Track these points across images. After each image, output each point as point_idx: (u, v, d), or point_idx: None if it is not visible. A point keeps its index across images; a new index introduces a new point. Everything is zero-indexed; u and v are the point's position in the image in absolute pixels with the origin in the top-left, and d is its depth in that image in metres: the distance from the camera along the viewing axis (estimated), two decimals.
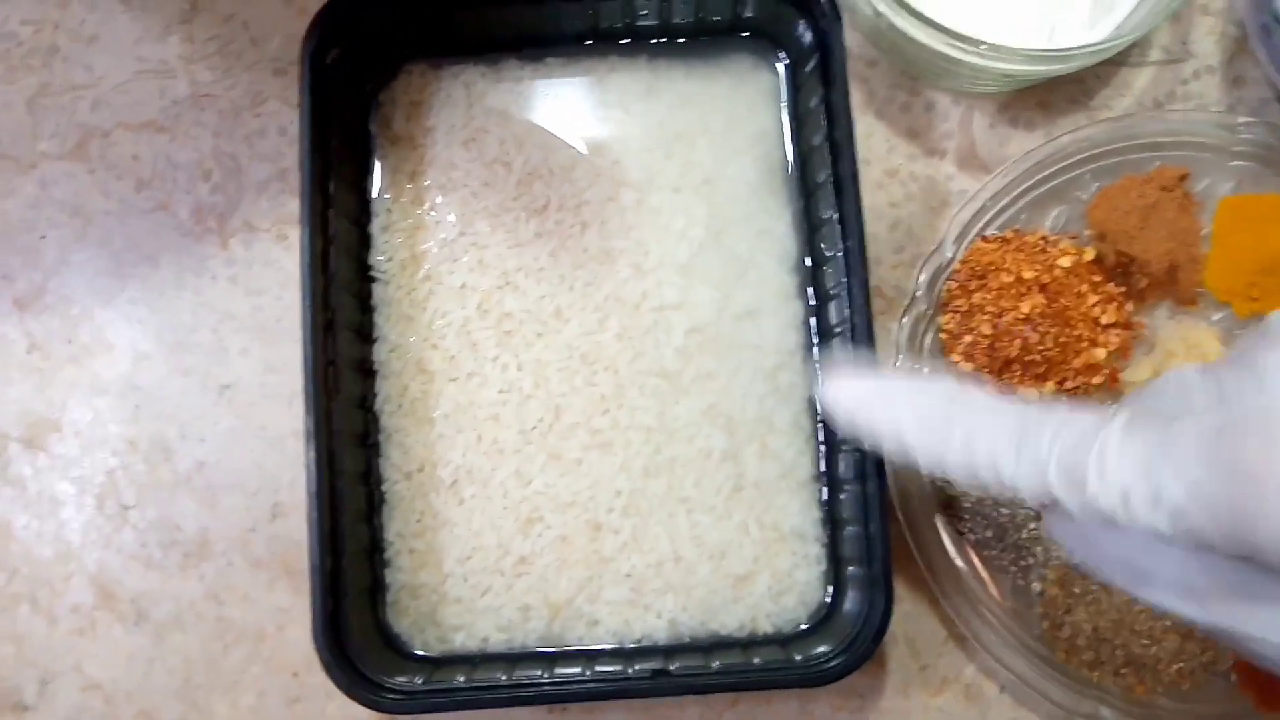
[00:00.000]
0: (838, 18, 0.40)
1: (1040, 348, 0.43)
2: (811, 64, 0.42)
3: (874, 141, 0.47)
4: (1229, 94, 0.48)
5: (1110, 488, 0.27)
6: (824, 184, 0.42)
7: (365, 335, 0.43)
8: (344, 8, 0.41)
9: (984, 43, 0.42)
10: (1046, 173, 0.46)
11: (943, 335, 0.45)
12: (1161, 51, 0.48)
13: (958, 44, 0.42)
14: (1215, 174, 0.46)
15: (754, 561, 0.42)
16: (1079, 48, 0.43)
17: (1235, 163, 0.46)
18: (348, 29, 0.41)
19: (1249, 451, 0.24)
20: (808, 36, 0.42)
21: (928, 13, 0.42)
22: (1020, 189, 0.46)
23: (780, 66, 0.45)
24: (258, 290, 0.46)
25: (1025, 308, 0.43)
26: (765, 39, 0.45)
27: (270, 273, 0.46)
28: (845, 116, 0.40)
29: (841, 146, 0.40)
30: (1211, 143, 0.46)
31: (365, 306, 0.43)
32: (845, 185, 0.40)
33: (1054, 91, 0.48)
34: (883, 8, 0.42)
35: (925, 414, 0.31)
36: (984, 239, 0.45)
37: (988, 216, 0.45)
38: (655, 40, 0.45)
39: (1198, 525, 0.25)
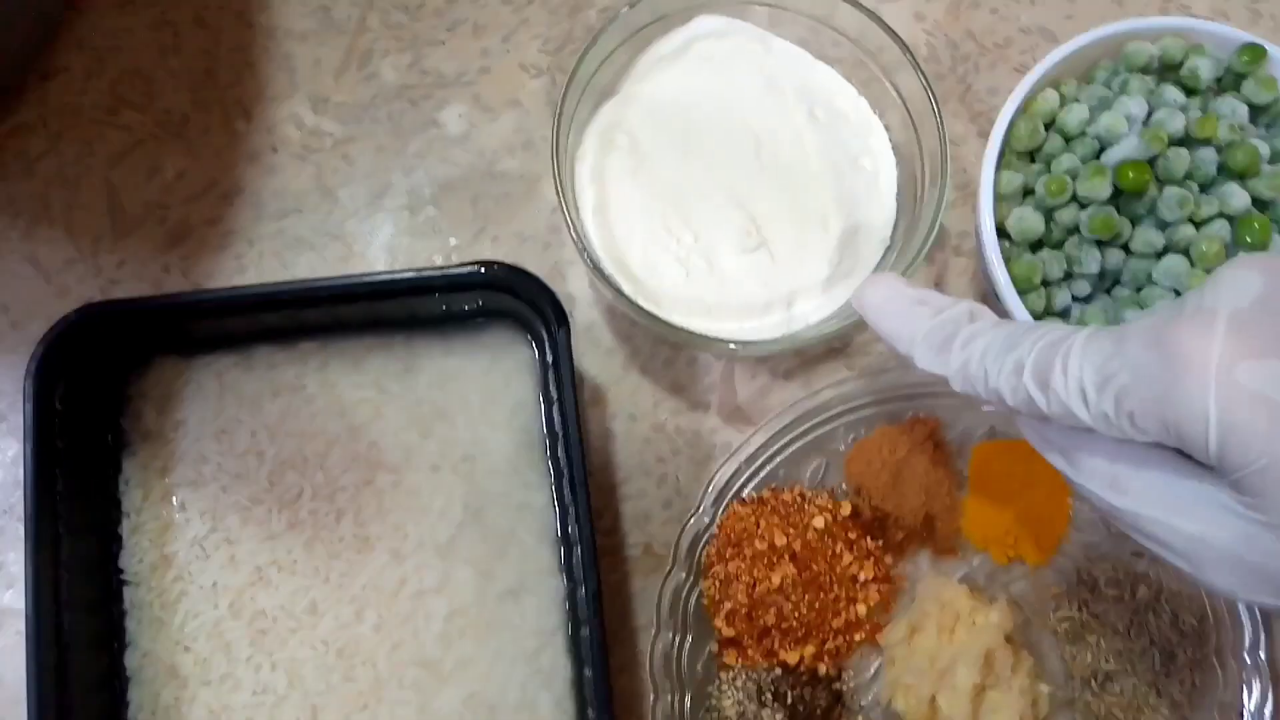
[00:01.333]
0: (562, 323, 0.41)
1: (796, 615, 0.44)
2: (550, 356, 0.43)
3: (640, 397, 0.48)
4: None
5: (1071, 381, 0.30)
6: (565, 468, 0.42)
7: (115, 645, 0.42)
8: (73, 337, 0.40)
9: (723, 340, 0.43)
10: (805, 427, 0.47)
11: (705, 601, 0.45)
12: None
13: (697, 339, 0.43)
14: (969, 420, 0.48)
15: None
16: (819, 325, 0.44)
17: (988, 408, 0.48)
18: (86, 342, 0.41)
19: (1182, 338, 0.28)
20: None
21: (665, 314, 0.43)
22: (780, 444, 0.47)
23: (534, 341, 0.46)
24: None
25: (776, 579, 0.43)
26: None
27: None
28: (572, 421, 0.40)
29: (570, 447, 0.40)
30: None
31: (116, 615, 0.42)
32: (577, 488, 0.40)
33: (812, 340, 0.49)
34: (625, 309, 0.43)
35: (938, 323, 0.35)
36: (740, 502, 0.46)
37: (748, 473, 0.46)
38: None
39: (1138, 408, 0.28)
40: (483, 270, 0.41)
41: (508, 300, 0.42)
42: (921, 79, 0.44)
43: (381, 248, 0.49)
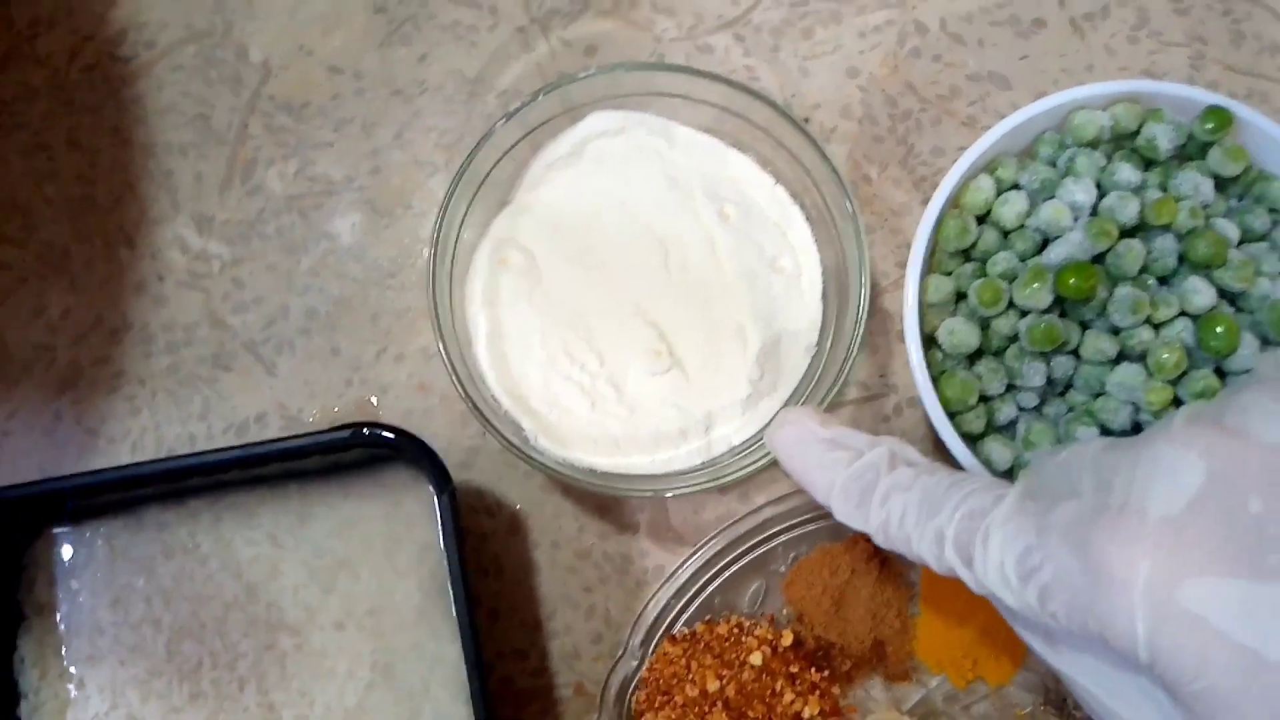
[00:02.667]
0: (444, 489, 0.37)
1: None
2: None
3: (564, 522, 0.45)
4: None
5: (992, 566, 0.27)
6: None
7: None
8: None
9: (638, 483, 0.39)
10: (742, 549, 0.43)
11: None
12: (860, 388, 0.45)
13: (605, 484, 0.39)
14: None
15: None
16: (742, 449, 0.40)
17: None
18: None
19: (1103, 544, 0.25)
20: None
21: (568, 452, 0.40)
22: (714, 570, 0.43)
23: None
24: None
25: None
26: None
27: None
28: (460, 587, 0.37)
29: (459, 611, 0.37)
30: None
31: None
32: (466, 642, 0.37)
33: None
34: (519, 458, 0.39)
35: (854, 471, 0.31)
36: (671, 640, 0.42)
37: (679, 605, 0.43)
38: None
39: (1062, 611, 0.26)
40: (353, 435, 0.37)
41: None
42: (830, 168, 0.39)
43: (280, 378, 0.45)
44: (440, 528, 0.38)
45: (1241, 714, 0.24)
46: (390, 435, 0.37)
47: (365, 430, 0.37)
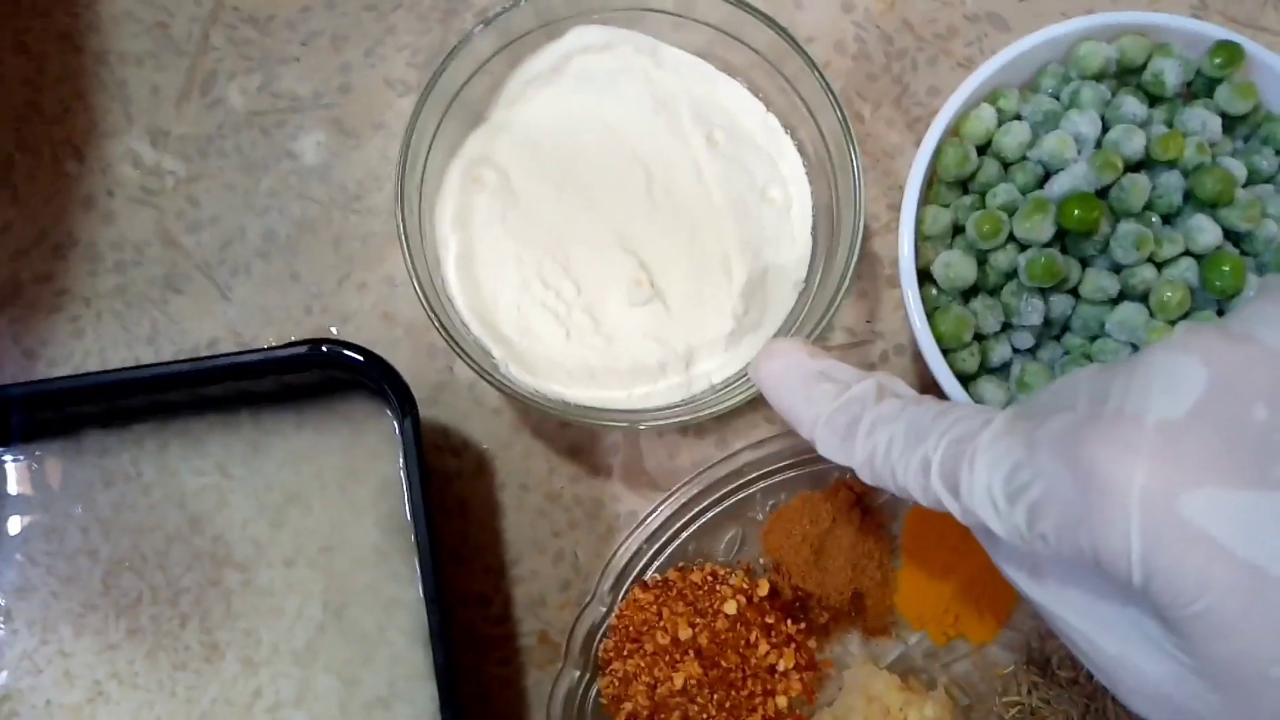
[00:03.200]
0: (408, 413, 0.35)
1: (704, 717, 0.39)
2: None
3: (533, 463, 0.42)
4: (923, 372, 0.44)
5: (978, 489, 0.26)
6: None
7: None
8: None
9: (611, 413, 0.37)
10: (718, 495, 0.41)
11: (603, 700, 0.40)
12: (846, 334, 0.44)
13: (578, 412, 0.37)
14: None
15: None
16: (723, 386, 0.38)
17: None
18: None
19: (1096, 452, 0.23)
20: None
21: (542, 383, 0.38)
22: (688, 516, 0.41)
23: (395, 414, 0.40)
24: None
25: (679, 680, 0.38)
26: None
27: None
28: (421, 522, 0.35)
29: (421, 548, 0.35)
30: None
31: None
32: (426, 581, 0.35)
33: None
34: (493, 385, 0.37)
35: (841, 404, 0.30)
36: (642, 586, 0.40)
37: (651, 551, 0.41)
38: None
39: (1051, 530, 0.24)
40: (310, 352, 0.35)
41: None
42: (829, 96, 0.37)
43: (235, 303, 0.43)
44: (402, 457, 0.35)
45: (1243, 636, 0.22)
46: (353, 355, 0.35)
47: (324, 348, 0.35)
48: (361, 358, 0.35)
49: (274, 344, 0.43)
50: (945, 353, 0.36)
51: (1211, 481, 0.22)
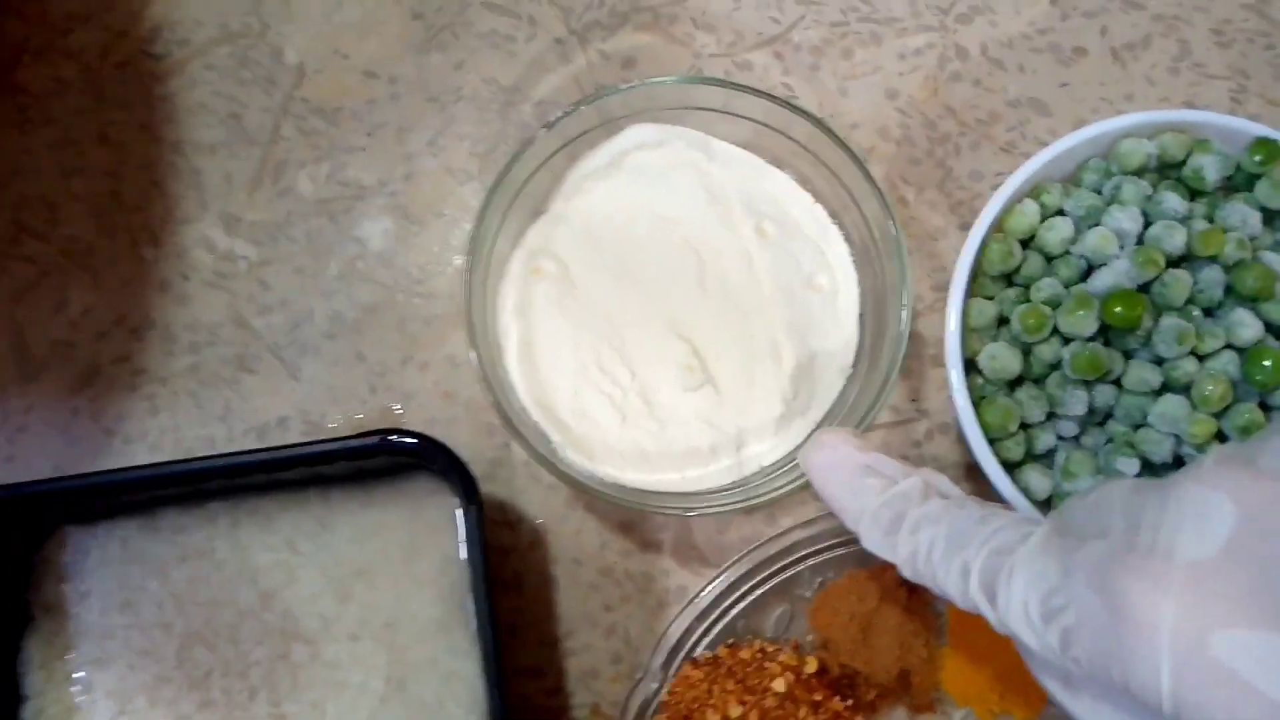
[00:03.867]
0: (472, 500, 0.37)
1: None
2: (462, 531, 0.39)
3: (585, 538, 0.44)
4: (966, 452, 0.45)
5: (1015, 605, 0.26)
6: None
7: None
8: None
9: (666, 500, 0.38)
10: (767, 572, 0.42)
11: None
12: (892, 412, 0.45)
13: (635, 500, 0.39)
14: None
15: None
16: (772, 469, 0.40)
17: None
18: None
19: (1128, 587, 0.24)
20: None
21: (597, 466, 0.39)
22: (738, 593, 0.42)
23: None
24: None
25: None
26: None
27: None
28: (484, 608, 0.36)
29: (483, 632, 0.36)
30: None
31: None
32: (488, 660, 0.36)
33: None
34: (549, 471, 0.38)
35: (886, 500, 0.31)
36: (692, 663, 0.41)
37: (702, 628, 0.42)
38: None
39: (1084, 656, 0.25)
40: (380, 442, 0.36)
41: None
42: (870, 184, 0.39)
43: (304, 383, 0.45)
44: (465, 539, 0.37)
45: None
46: (416, 442, 0.36)
47: (393, 437, 0.37)
48: (425, 445, 0.36)
49: (340, 423, 0.45)
50: (992, 442, 0.37)
51: (1240, 623, 0.23)
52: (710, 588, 0.42)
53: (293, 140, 0.47)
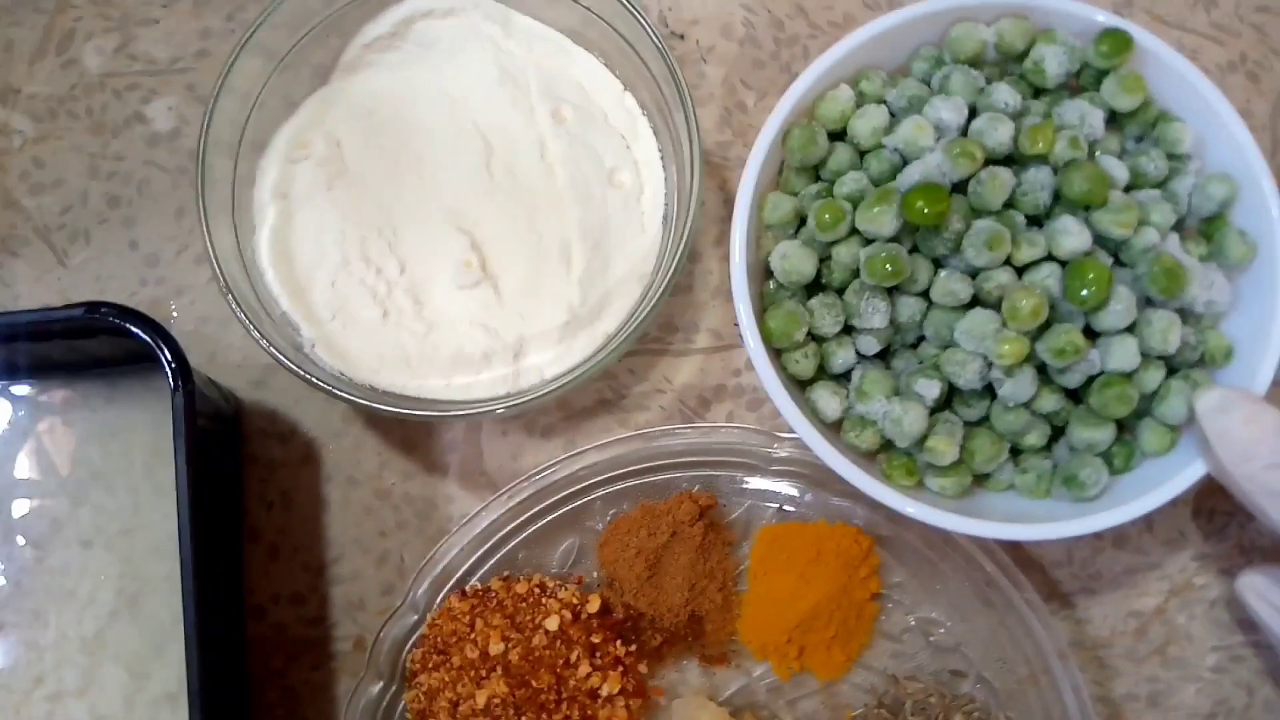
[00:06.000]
0: (180, 383, 0.32)
1: None
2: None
3: (364, 456, 0.40)
4: None
5: None
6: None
7: None
8: None
9: (425, 399, 0.34)
10: (554, 498, 0.38)
11: (409, 716, 0.37)
12: (712, 336, 0.40)
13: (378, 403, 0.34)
14: (756, 497, 0.38)
15: None
16: (554, 382, 0.35)
17: (780, 484, 0.38)
18: None
19: None
20: None
21: (350, 369, 0.35)
22: (520, 519, 0.38)
23: None
24: None
25: (481, 699, 0.35)
26: None
27: None
28: (185, 506, 0.32)
29: (183, 538, 0.32)
30: (753, 461, 0.38)
31: None
32: (186, 577, 0.32)
33: (578, 390, 0.40)
34: (290, 370, 0.34)
35: None
36: (460, 594, 0.37)
37: (475, 556, 0.38)
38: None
39: None
40: (84, 313, 0.32)
41: None
42: (667, 61, 0.34)
43: (71, 270, 0.41)
44: (174, 429, 0.33)
45: None
46: (121, 322, 0.32)
47: (102, 310, 0.33)
48: (132, 321, 0.32)
49: None
50: (779, 353, 0.33)
51: None
52: (486, 511, 0.38)
53: (82, 8, 0.43)
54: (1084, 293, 0.31)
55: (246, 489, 0.39)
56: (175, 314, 0.41)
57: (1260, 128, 0.42)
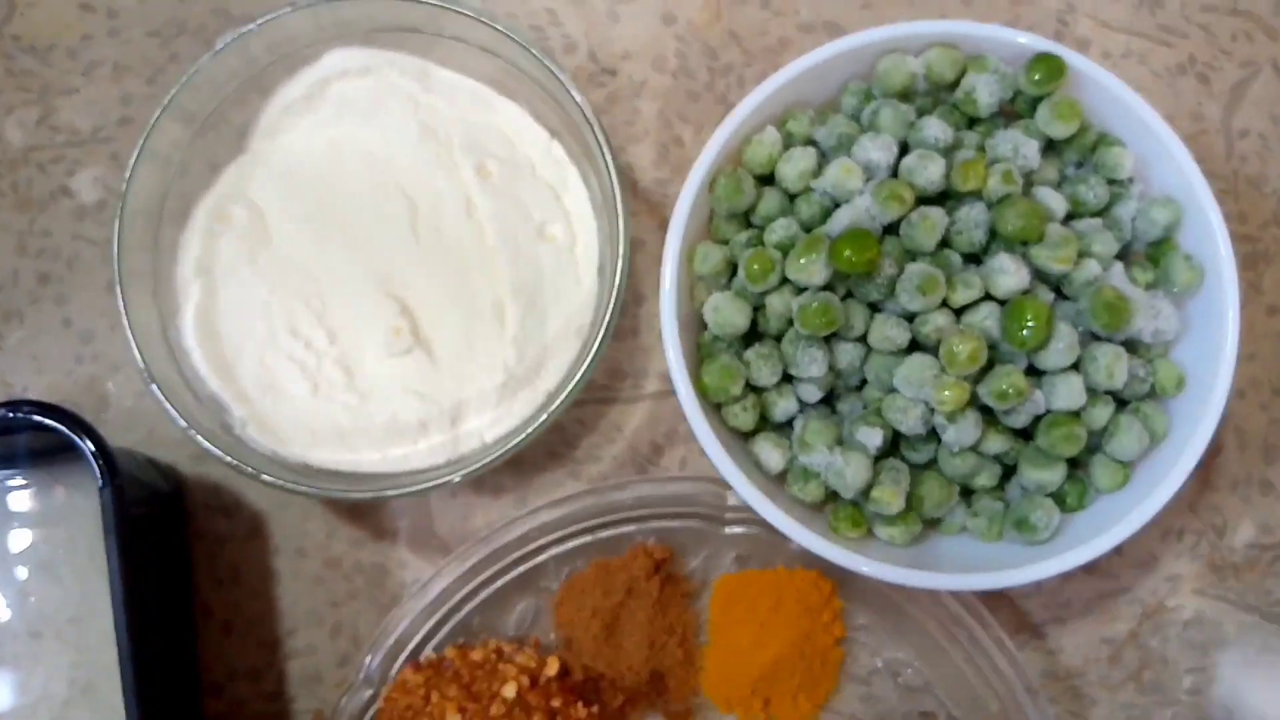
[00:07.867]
0: (106, 481, 0.32)
1: None
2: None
3: (311, 526, 0.39)
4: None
5: None
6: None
7: None
8: None
9: (360, 475, 0.34)
10: (507, 560, 0.37)
11: None
12: (659, 380, 0.39)
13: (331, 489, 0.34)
14: (713, 546, 0.38)
15: None
16: (497, 445, 0.34)
17: (736, 530, 0.37)
18: None
19: None
20: None
21: (284, 448, 0.35)
22: (474, 584, 0.37)
23: None
24: None
25: None
26: None
27: None
28: (120, 598, 0.31)
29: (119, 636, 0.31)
30: (707, 510, 0.37)
31: None
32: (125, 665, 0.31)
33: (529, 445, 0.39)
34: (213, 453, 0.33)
35: None
36: (414, 666, 0.36)
37: (429, 625, 0.37)
38: None
39: None
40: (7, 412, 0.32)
41: None
42: (578, 104, 0.33)
43: (7, 352, 0.40)
44: (104, 524, 0.32)
45: None
46: (43, 418, 0.31)
47: (24, 408, 0.32)
48: (57, 418, 0.31)
49: (42, 394, 0.40)
50: (718, 408, 0.32)
51: None
52: (438, 578, 0.37)
53: (0, 82, 0.42)
54: (1023, 333, 0.30)
55: (195, 566, 0.39)
56: (113, 389, 0.40)
57: (1214, 131, 0.40)
